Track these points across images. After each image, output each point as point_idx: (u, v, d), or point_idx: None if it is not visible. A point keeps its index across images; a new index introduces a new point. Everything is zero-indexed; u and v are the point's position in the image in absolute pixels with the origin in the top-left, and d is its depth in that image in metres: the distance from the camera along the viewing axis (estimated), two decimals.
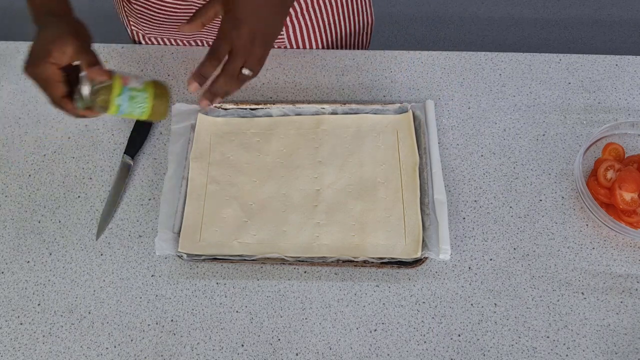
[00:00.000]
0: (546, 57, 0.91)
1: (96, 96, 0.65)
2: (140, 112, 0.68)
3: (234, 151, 0.81)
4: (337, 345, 0.68)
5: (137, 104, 0.67)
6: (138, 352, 0.68)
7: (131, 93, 0.67)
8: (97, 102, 0.66)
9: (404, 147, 0.80)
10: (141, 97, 0.67)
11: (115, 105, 0.66)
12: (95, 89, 0.65)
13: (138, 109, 0.68)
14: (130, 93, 0.67)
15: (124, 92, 0.66)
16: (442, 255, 0.71)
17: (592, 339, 0.68)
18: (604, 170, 0.76)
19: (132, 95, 0.67)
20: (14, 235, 0.76)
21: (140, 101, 0.67)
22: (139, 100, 0.67)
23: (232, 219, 0.75)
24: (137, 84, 0.67)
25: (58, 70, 0.64)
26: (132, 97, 0.67)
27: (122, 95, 0.66)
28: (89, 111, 0.67)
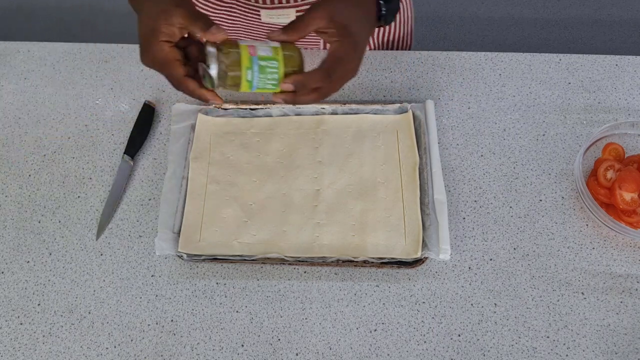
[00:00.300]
0: (546, 57, 0.91)
1: (225, 72, 0.58)
2: (273, 85, 0.60)
3: (234, 151, 0.81)
4: (337, 345, 0.68)
5: (269, 76, 0.59)
6: (138, 352, 0.68)
7: (261, 63, 0.58)
8: (227, 79, 0.59)
9: (404, 147, 0.80)
10: (272, 66, 0.59)
11: (247, 80, 0.59)
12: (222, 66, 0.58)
13: (270, 82, 0.59)
14: (260, 63, 0.58)
15: (253, 63, 0.58)
16: (442, 255, 0.71)
17: (592, 339, 0.68)
18: (604, 170, 0.76)
19: (261, 65, 0.58)
20: (14, 235, 0.76)
21: (272, 71, 0.59)
22: (269, 70, 0.59)
23: (232, 219, 0.75)
24: (265, 51, 0.59)
25: (173, 48, 0.59)
26: (263, 68, 0.58)
27: (251, 68, 0.58)
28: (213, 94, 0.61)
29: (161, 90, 0.88)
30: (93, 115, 0.87)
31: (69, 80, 0.90)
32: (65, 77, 0.91)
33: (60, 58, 0.93)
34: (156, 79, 0.90)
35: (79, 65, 0.92)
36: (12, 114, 0.87)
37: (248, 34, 0.92)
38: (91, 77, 0.90)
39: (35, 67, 0.92)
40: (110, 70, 0.91)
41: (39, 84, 0.90)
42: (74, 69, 0.91)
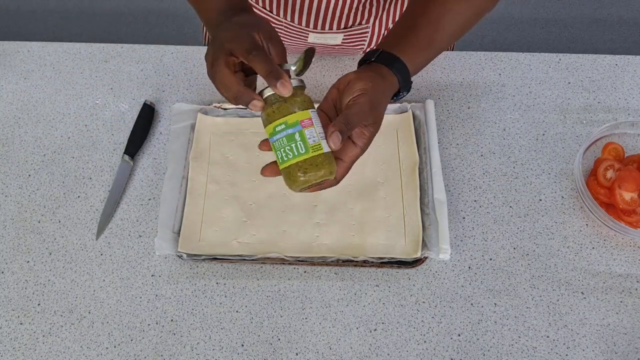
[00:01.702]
0: (546, 57, 0.91)
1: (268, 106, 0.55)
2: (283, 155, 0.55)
3: (233, 151, 0.81)
4: (337, 345, 0.68)
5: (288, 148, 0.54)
6: (138, 352, 0.68)
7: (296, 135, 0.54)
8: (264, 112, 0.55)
9: (404, 147, 0.80)
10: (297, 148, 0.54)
11: (274, 128, 0.54)
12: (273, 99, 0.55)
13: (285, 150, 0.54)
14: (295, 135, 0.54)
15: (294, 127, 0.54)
16: (442, 255, 0.71)
17: (592, 339, 0.68)
18: (604, 169, 0.76)
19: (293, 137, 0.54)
20: (14, 235, 0.76)
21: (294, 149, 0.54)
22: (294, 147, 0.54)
23: (232, 219, 0.75)
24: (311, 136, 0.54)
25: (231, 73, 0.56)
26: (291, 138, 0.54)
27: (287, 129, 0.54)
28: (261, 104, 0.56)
29: (161, 90, 0.88)
30: (93, 115, 0.87)
31: (69, 80, 0.90)
32: (65, 77, 0.91)
33: (60, 58, 0.93)
34: (156, 79, 0.90)
35: (79, 65, 0.92)
36: (12, 114, 0.87)
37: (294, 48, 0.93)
38: (91, 77, 0.90)
39: (35, 67, 0.92)
40: (110, 70, 0.91)
41: (39, 84, 0.90)
42: (74, 69, 0.91)
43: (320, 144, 0.55)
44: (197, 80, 0.89)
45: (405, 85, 0.64)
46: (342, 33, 0.87)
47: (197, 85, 0.89)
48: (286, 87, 0.53)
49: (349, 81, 0.60)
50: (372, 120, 0.58)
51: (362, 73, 0.61)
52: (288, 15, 0.85)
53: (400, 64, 0.63)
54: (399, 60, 0.63)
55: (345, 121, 0.56)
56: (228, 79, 0.56)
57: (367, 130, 0.58)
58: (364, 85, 0.59)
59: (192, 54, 0.92)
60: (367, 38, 0.90)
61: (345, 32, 0.87)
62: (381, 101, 0.60)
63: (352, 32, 0.87)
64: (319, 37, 0.88)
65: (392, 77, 0.62)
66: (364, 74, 0.60)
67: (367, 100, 0.58)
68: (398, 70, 0.62)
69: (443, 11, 0.67)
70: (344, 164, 0.59)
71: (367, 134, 0.58)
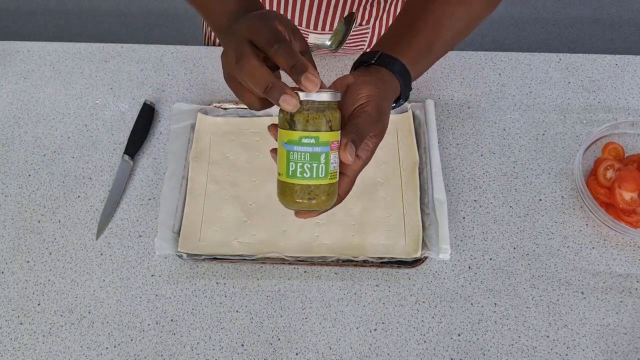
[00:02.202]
0: (546, 57, 0.91)
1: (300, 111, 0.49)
2: (298, 171, 0.50)
3: (233, 151, 0.81)
4: (337, 345, 0.68)
5: (307, 165, 0.49)
6: (138, 352, 0.68)
7: (321, 157, 0.49)
8: (294, 115, 0.49)
9: (404, 146, 0.80)
10: (315, 170, 0.49)
11: (299, 138, 0.49)
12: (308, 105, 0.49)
13: (301, 167, 0.49)
14: (320, 156, 0.49)
15: (321, 148, 0.49)
16: (442, 254, 0.71)
17: (592, 339, 0.68)
18: (604, 169, 0.76)
19: (318, 156, 0.49)
20: (14, 235, 0.76)
21: (311, 169, 0.49)
22: (313, 167, 0.49)
23: (232, 219, 0.75)
24: (334, 162, 0.50)
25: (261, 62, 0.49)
26: (315, 157, 0.49)
27: (313, 146, 0.49)
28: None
29: (161, 90, 0.88)
30: (93, 115, 0.87)
31: (68, 80, 0.90)
32: (65, 77, 0.91)
33: (60, 58, 0.93)
34: (156, 79, 0.90)
35: (79, 65, 0.92)
36: (12, 114, 0.87)
37: None
38: (91, 77, 0.90)
39: (35, 67, 0.92)
40: (110, 70, 0.91)
41: (39, 84, 0.90)
42: (74, 69, 0.91)
43: (337, 172, 0.51)
44: (197, 80, 0.89)
45: (406, 90, 0.60)
46: None
47: (197, 85, 0.89)
48: (312, 82, 0.47)
49: (347, 85, 0.55)
50: (379, 129, 0.54)
51: (363, 77, 0.56)
52: (288, 16, 0.85)
53: (402, 67, 0.59)
54: (399, 63, 0.58)
55: (356, 131, 0.51)
56: (258, 69, 0.48)
57: (371, 142, 0.54)
58: (370, 92, 0.54)
59: (192, 54, 0.92)
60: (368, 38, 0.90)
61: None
62: (386, 108, 0.56)
63: (353, 33, 0.87)
64: (319, 38, 0.88)
65: (393, 81, 0.58)
66: (366, 79, 0.55)
67: (374, 107, 0.53)
68: (399, 73, 0.58)
69: (443, 16, 0.63)
70: (347, 178, 0.54)
71: (371, 146, 0.54)
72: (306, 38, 0.89)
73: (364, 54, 0.61)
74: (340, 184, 0.53)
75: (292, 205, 0.52)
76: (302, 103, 0.48)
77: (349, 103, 0.54)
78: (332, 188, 0.51)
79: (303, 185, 0.50)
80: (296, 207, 0.52)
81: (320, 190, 0.50)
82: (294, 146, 0.49)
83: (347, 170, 0.54)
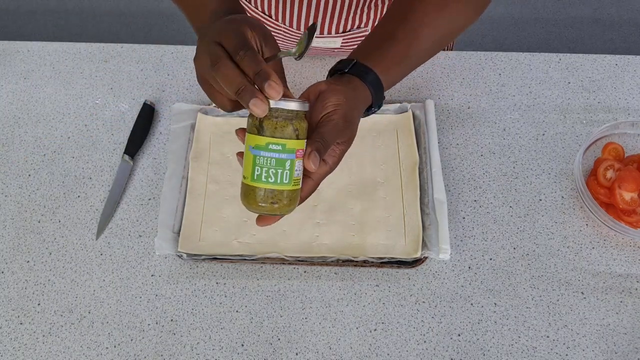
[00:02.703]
0: (546, 57, 0.91)
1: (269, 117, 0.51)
2: (262, 176, 0.51)
3: (233, 151, 0.81)
4: (337, 345, 0.68)
5: (273, 171, 0.51)
6: (138, 351, 0.68)
7: (286, 163, 0.51)
8: (263, 121, 0.51)
9: (404, 146, 0.80)
10: (280, 176, 0.51)
11: (266, 144, 0.50)
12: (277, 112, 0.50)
13: (266, 172, 0.51)
14: (286, 162, 0.51)
15: (287, 154, 0.50)
16: (442, 255, 0.71)
17: (592, 339, 0.68)
18: (604, 169, 0.76)
19: (283, 163, 0.51)
20: (14, 235, 0.76)
21: (276, 175, 0.51)
22: (279, 173, 0.51)
23: (232, 219, 0.75)
24: (298, 169, 0.52)
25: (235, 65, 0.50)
26: (280, 164, 0.51)
27: (280, 153, 0.50)
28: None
29: (161, 90, 0.88)
30: (93, 115, 0.87)
31: (68, 80, 0.90)
32: (65, 77, 0.91)
33: (60, 58, 0.93)
34: (156, 79, 0.90)
35: (79, 65, 0.92)
36: (12, 114, 0.87)
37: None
38: (91, 77, 0.90)
39: (35, 67, 0.92)
40: (110, 70, 0.91)
41: (39, 84, 0.90)
42: (73, 69, 0.91)
43: (300, 179, 0.53)
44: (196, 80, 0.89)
45: (378, 99, 0.60)
46: (341, 37, 0.87)
47: (197, 85, 0.88)
48: (274, 89, 0.48)
49: (319, 92, 0.56)
50: (346, 137, 0.55)
51: (334, 85, 0.56)
52: (287, 20, 0.85)
53: (374, 77, 0.59)
54: (373, 73, 0.59)
55: (321, 140, 0.53)
56: (232, 71, 0.49)
57: (338, 148, 0.55)
58: (338, 101, 0.55)
59: (192, 54, 0.91)
60: None
61: (344, 36, 0.87)
62: (355, 117, 0.57)
63: (351, 36, 0.87)
64: (318, 42, 0.88)
65: (365, 90, 0.59)
66: (337, 87, 0.56)
67: (341, 116, 0.54)
68: (371, 84, 0.59)
69: (421, 24, 0.63)
70: (311, 182, 0.55)
71: (337, 152, 0.55)
72: None
73: (340, 62, 0.61)
74: (304, 187, 0.55)
75: (254, 209, 0.53)
76: (272, 110, 0.50)
77: (317, 111, 0.55)
78: (295, 194, 0.53)
79: (267, 189, 0.52)
80: (258, 210, 0.53)
81: (283, 195, 0.52)
82: (261, 151, 0.51)
83: (312, 175, 0.55)
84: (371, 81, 0.59)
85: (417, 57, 0.65)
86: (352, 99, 0.57)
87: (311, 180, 0.55)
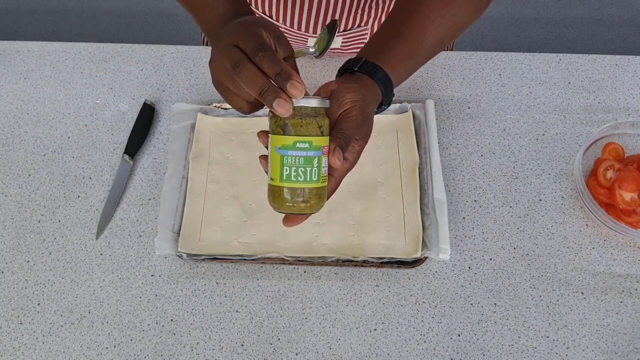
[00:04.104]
0: (546, 57, 0.91)
1: (294, 116, 0.51)
2: (292, 175, 0.51)
3: (233, 151, 0.81)
4: (337, 345, 0.68)
5: (301, 169, 0.51)
6: (138, 351, 0.68)
7: (314, 160, 0.51)
8: (289, 120, 0.51)
9: (404, 146, 0.80)
10: (309, 174, 0.51)
11: (294, 142, 0.51)
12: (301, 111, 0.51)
13: (295, 171, 0.51)
14: (314, 160, 0.51)
15: (315, 152, 0.51)
16: (442, 255, 0.71)
17: (591, 339, 0.68)
18: (604, 170, 0.76)
19: (311, 161, 0.51)
20: (13, 235, 0.76)
21: (305, 173, 0.51)
22: (308, 172, 0.51)
23: (232, 219, 0.75)
24: (325, 166, 0.53)
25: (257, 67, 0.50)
26: (308, 161, 0.51)
27: (308, 150, 0.51)
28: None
29: (161, 90, 0.88)
30: (93, 114, 0.87)
31: (68, 80, 0.90)
32: (65, 77, 0.91)
33: (60, 58, 0.93)
34: (156, 79, 0.90)
35: (79, 65, 0.92)
36: (12, 114, 0.87)
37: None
38: (91, 77, 0.90)
39: (35, 67, 0.92)
40: (110, 70, 0.91)
41: (39, 83, 0.90)
42: (74, 69, 0.91)
43: (326, 176, 0.53)
44: (197, 80, 0.89)
45: (388, 96, 0.62)
46: (341, 36, 0.87)
47: (197, 85, 0.89)
48: (297, 89, 0.48)
49: (331, 91, 0.57)
50: (364, 133, 0.56)
51: (347, 84, 0.57)
52: (287, 21, 0.85)
53: (383, 74, 0.60)
54: (381, 70, 0.60)
55: (342, 136, 0.53)
56: (254, 73, 0.49)
57: (357, 145, 0.56)
58: (353, 97, 0.56)
59: (192, 54, 0.92)
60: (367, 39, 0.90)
61: (344, 35, 0.87)
62: (370, 113, 0.58)
63: (352, 35, 0.87)
64: None
65: (375, 87, 0.60)
66: (350, 85, 0.57)
67: (359, 112, 0.55)
68: (380, 81, 0.60)
69: (427, 22, 0.64)
70: (334, 180, 0.56)
71: (357, 148, 0.56)
72: (305, 42, 0.89)
73: (349, 61, 0.62)
74: (328, 185, 0.55)
75: (284, 209, 0.53)
76: (295, 109, 0.50)
77: (335, 109, 0.56)
78: (323, 191, 0.53)
79: (296, 188, 0.52)
80: (289, 210, 0.53)
81: (313, 193, 0.52)
82: (288, 151, 0.51)
83: (335, 172, 0.56)
84: (380, 78, 0.60)
85: (423, 54, 0.66)
86: (366, 95, 0.58)
87: (334, 177, 0.56)
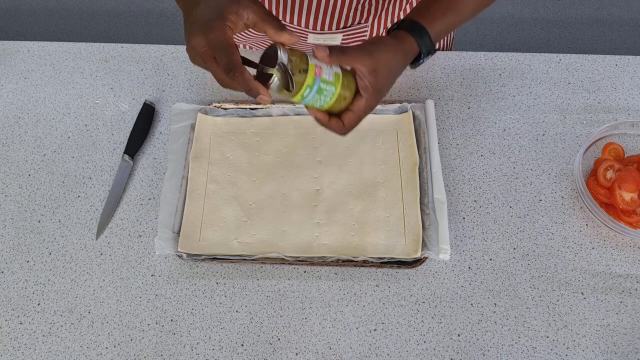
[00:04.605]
0: (546, 57, 0.91)
1: (287, 82, 0.58)
2: (320, 105, 0.62)
3: (233, 151, 0.81)
4: (337, 345, 0.68)
5: (322, 98, 0.60)
6: (138, 351, 0.68)
7: (321, 85, 0.59)
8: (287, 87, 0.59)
9: (404, 147, 0.80)
10: (328, 91, 0.60)
11: (302, 95, 0.59)
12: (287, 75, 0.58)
13: (320, 101, 0.61)
14: (320, 85, 0.59)
15: (315, 83, 0.59)
16: (442, 255, 0.71)
17: (591, 339, 0.68)
18: (604, 170, 0.76)
19: (321, 87, 0.59)
20: (13, 235, 0.76)
21: (326, 95, 0.60)
22: (325, 94, 0.60)
23: (232, 219, 0.75)
24: (328, 75, 0.60)
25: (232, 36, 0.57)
26: (320, 90, 0.59)
27: (312, 87, 0.59)
28: (265, 89, 0.57)
29: (161, 90, 0.88)
30: (93, 114, 0.87)
31: (69, 80, 0.90)
32: (65, 76, 0.91)
33: (60, 58, 0.93)
34: (156, 79, 0.90)
35: (79, 65, 0.92)
36: (12, 113, 0.87)
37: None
38: (91, 77, 0.90)
39: (35, 67, 0.92)
40: (110, 70, 0.91)
41: (39, 83, 0.90)
42: (74, 69, 0.91)
43: (337, 73, 0.60)
44: (197, 80, 0.89)
45: (425, 46, 0.67)
46: (341, 33, 0.87)
47: (197, 85, 0.89)
48: (265, 100, 0.57)
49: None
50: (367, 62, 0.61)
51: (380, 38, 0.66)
52: (287, 17, 0.85)
53: (417, 25, 0.67)
54: (416, 23, 0.67)
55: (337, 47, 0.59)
56: (246, 78, 0.56)
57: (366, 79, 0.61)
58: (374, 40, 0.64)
59: None
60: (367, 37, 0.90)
61: (344, 32, 0.87)
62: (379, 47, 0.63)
63: (351, 32, 0.87)
64: (318, 38, 0.88)
65: (406, 37, 0.66)
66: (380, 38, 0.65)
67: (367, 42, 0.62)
68: (414, 31, 0.66)
69: None
70: (352, 114, 0.62)
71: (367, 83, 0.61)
72: (305, 38, 0.89)
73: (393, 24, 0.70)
74: (346, 117, 0.63)
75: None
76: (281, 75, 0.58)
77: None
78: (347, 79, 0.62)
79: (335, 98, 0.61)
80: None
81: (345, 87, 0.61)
82: (307, 98, 0.60)
83: (352, 107, 0.62)
84: (414, 29, 0.67)
85: (461, 10, 0.71)
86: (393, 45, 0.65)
87: (351, 112, 0.62)
